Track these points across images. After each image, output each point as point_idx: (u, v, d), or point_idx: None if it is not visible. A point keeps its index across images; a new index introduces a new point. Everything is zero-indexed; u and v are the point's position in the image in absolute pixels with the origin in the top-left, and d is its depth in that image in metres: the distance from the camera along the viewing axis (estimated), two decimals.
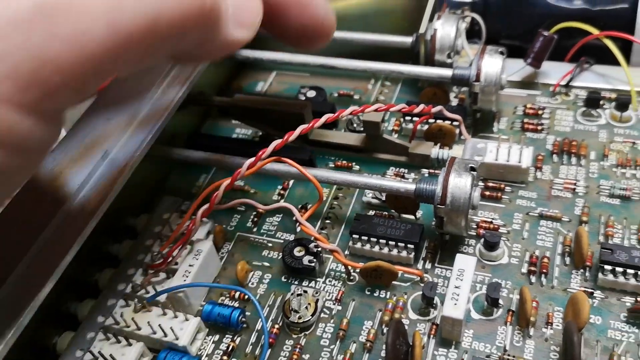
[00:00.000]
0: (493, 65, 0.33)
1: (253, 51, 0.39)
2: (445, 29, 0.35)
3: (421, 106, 0.32)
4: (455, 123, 0.34)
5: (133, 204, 0.33)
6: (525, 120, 0.36)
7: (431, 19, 0.36)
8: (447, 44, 0.36)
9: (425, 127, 0.35)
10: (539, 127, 0.35)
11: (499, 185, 0.32)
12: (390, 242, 0.29)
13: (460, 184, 0.27)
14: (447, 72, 0.35)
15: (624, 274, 0.27)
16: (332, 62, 0.37)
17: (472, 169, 0.28)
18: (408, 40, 0.37)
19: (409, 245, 0.29)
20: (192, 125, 0.38)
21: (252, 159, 0.28)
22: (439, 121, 0.34)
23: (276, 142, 0.28)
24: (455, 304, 0.26)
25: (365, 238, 0.30)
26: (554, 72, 0.38)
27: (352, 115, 0.31)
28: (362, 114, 0.31)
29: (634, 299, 0.27)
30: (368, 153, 0.35)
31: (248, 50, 0.39)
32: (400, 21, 0.39)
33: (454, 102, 0.37)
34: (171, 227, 0.31)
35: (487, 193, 0.32)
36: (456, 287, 0.26)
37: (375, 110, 0.31)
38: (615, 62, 0.36)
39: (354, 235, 0.30)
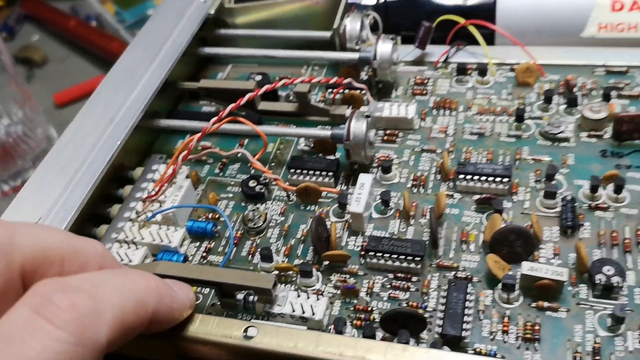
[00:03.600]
0: (385, 47, 0.46)
1: (212, 48, 0.51)
2: (352, 24, 0.48)
3: (335, 78, 0.45)
4: (363, 92, 0.47)
5: (131, 161, 0.45)
6: (415, 87, 0.49)
7: (342, 18, 0.49)
8: (354, 35, 0.49)
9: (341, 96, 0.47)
10: (424, 92, 0.48)
11: (394, 132, 0.45)
12: (317, 172, 0.42)
13: (358, 125, 0.40)
14: (355, 55, 0.48)
15: (472, 179, 0.40)
16: (273, 52, 0.50)
17: (367, 116, 0.41)
18: (327, 34, 0.50)
19: (329, 173, 0.42)
20: (169, 107, 0.50)
21: (216, 117, 0.41)
22: (351, 90, 0.47)
23: (232, 105, 0.41)
24: (358, 204, 0.38)
25: (299, 171, 0.42)
26: (437, 52, 0.51)
27: (285, 85, 0.43)
28: (294, 86, 0.44)
29: (479, 195, 0.40)
30: (301, 117, 0.47)
31: (209, 48, 0.52)
32: (322, 21, 0.51)
33: (365, 78, 0.50)
34: (160, 173, 0.43)
35: (386, 137, 0.45)
36: (359, 193, 0.39)
37: (302, 82, 0.43)
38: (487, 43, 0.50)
39: (291, 170, 0.42)
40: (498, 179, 0.39)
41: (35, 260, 0.26)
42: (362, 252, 0.38)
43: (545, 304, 0.34)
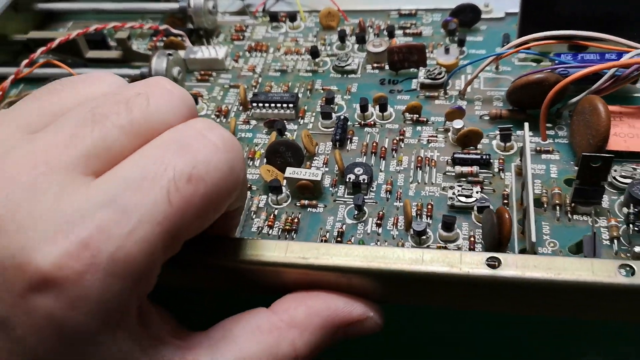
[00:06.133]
0: None
1: (48, 4, 0.55)
2: None
3: (150, 24, 0.49)
4: (182, 38, 0.51)
5: None
6: (234, 34, 0.54)
7: None
8: None
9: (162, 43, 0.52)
10: (241, 37, 0.53)
11: (207, 72, 0.50)
12: None
13: (159, 62, 0.45)
14: (175, 5, 0.52)
15: (264, 107, 0.45)
16: (101, 5, 0.54)
17: (169, 54, 0.45)
18: None
19: None
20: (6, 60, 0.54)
21: (27, 60, 0.44)
22: (170, 37, 0.51)
23: (43, 48, 0.45)
24: None
25: None
26: (257, 3, 0.56)
27: (114, 29, 0.47)
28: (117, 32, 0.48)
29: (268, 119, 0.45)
30: (126, 63, 0.51)
31: (44, 3, 0.55)
32: None
33: (191, 27, 0.55)
34: None
35: (200, 77, 0.50)
36: None
37: (114, 28, 0.48)
38: None
39: None
40: (285, 105, 0.45)
41: None
42: None
43: (306, 202, 0.39)
